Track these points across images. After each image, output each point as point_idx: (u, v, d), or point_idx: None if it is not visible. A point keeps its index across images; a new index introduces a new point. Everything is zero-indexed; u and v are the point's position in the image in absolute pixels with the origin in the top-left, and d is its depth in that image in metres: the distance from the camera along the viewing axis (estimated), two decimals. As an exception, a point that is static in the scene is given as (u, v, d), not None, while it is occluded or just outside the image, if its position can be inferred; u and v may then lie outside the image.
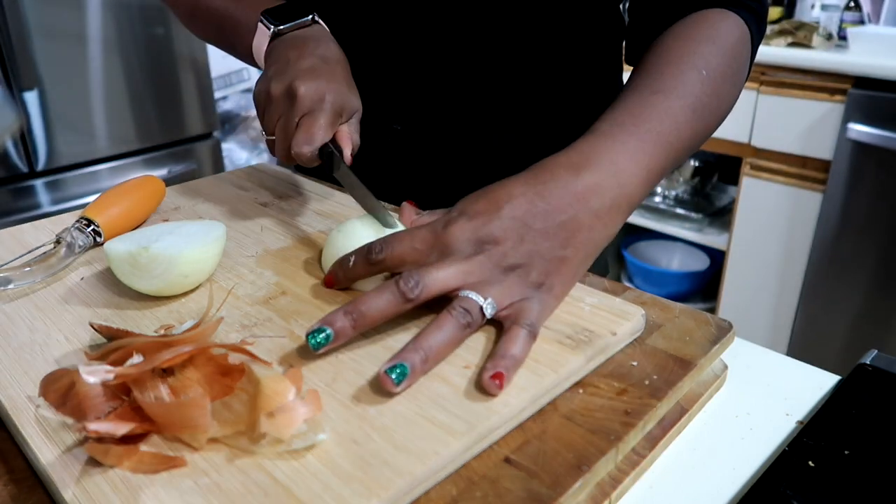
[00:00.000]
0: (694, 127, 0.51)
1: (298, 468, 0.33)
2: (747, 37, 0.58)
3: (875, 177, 1.58)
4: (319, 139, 0.54)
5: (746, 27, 0.58)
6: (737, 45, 0.57)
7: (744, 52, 0.58)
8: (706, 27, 0.56)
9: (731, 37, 0.56)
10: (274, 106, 0.57)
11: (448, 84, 0.68)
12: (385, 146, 0.65)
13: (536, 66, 0.67)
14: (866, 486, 0.36)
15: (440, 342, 0.39)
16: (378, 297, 0.41)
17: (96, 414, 0.34)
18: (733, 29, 0.57)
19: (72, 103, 1.66)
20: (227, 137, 2.38)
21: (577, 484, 0.33)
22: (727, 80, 0.55)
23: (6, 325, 0.46)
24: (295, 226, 0.60)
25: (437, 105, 0.69)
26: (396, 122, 0.70)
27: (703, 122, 0.53)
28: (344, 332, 0.40)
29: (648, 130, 0.48)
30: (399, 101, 0.69)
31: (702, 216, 2.05)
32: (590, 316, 0.45)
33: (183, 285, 0.48)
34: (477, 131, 0.67)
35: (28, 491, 0.34)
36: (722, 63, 0.54)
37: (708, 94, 0.52)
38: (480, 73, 0.68)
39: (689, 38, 0.55)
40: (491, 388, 0.37)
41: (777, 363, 0.48)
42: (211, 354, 0.37)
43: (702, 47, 0.54)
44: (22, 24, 1.52)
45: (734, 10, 0.58)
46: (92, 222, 0.56)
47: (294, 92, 0.55)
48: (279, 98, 0.56)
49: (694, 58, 0.53)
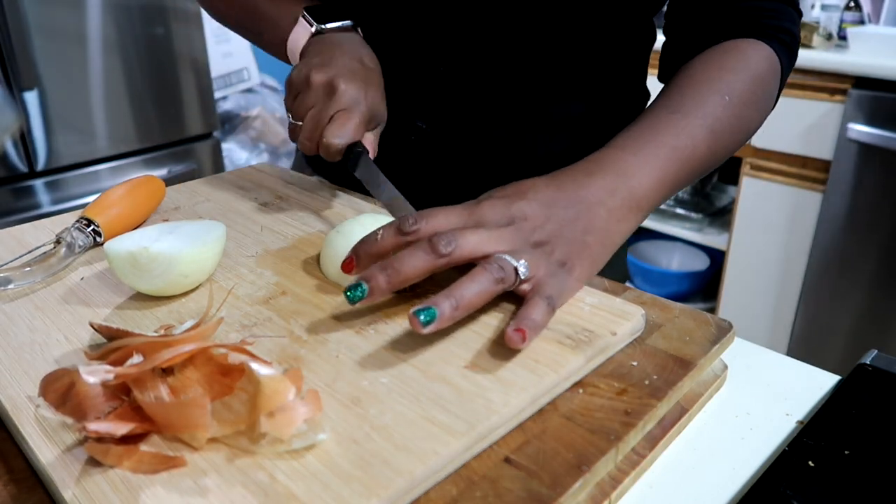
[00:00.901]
0: (711, 146, 0.53)
1: (298, 468, 0.33)
2: (777, 68, 0.60)
3: (875, 177, 1.58)
4: (351, 135, 0.55)
5: (777, 59, 0.60)
6: (765, 75, 0.58)
7: (772, 82, 0.60)
8: (736, 55, 0.58)
9: (759, 67, 0.58)
10: (311, 94, 0.57)
11: (473, 83, 0.68)
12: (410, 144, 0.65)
13: (563, 68, 0.67)
14: (866, 486, 0.36)
15: (472, 293, 0.40)
16: (412, 255, 0.42)
17: (96, 414, 0.34)
18: (763, 59, 0.59)
19: (72, 103, 1.66)
20: (227, 137, 2.38)
21: (577, 484, 0.33)
22: (750, 106, 0.57)
23: (6, 325, 0.46)
24: (295, 226, 0.60)
25: (462, 104, 0.69)
26: (421, 119, 0.70)
27: (721, 142, 0.55)
28: (379, 288, 0.41)
29: (664, 144, 0.51)
30: (424, 100, 0.69)
31: (702, 216, 2.05)
32: (590, 316, 0.45)
33: (183, 285, 0.48)
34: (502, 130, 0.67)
35: (28, 491, 0.34)
36: (747, 90, 0.56)
37: (729, 117, 0.54)
38: (506, 73, 0.67)
39: (717, 65, 0.57)
40: (514, 339, 0.39)
41: (777, 363, 0.48)
42: (211, 354, 0.37)
43: (728, 74, 0.56)
44: (22, 24, 1.52)
45: (766, 42, 0.59)
46: (92, 222, 0.56)
47: (335, 86, 0.56)
48: (318, 88, 0.57)
49: (719, 83, 0.55)
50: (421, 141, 0.68)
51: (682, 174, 0.52)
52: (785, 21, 0.61)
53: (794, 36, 0.62)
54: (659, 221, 2.11)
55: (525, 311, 0.41)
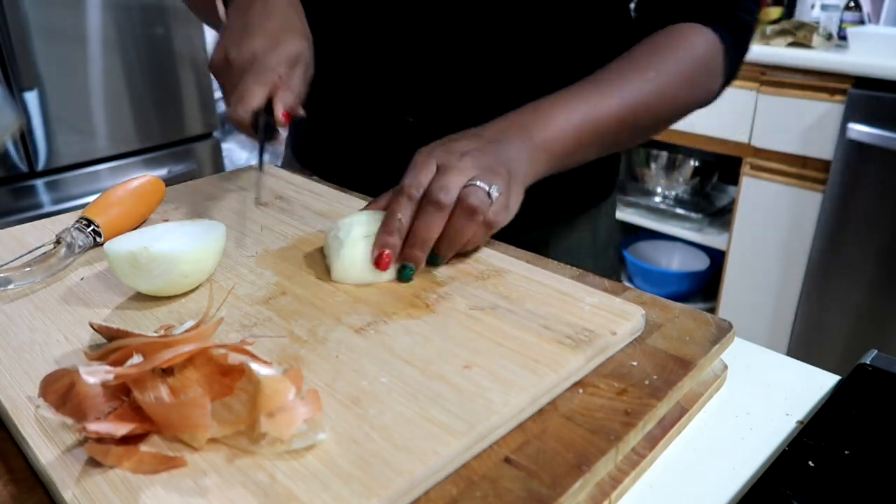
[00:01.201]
0: (624, 117, 0.60)
1: (298, 468, 0.33)
2: (718, 52, 0.64)
3: (875, 177, 1.58)
4: (248, 104, 0.55)
5: (721, 45, 0.64)
6: (703, 57, 0.63)
7: (710, 65, 0.64)
8: (676, 39, 0.63)
9: (696, 50, 0.63)
10: (218, 75, 0.59)
11: (460, 76, 0.68)
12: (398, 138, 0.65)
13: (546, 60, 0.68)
14: (866, 486, 0.36)
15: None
16: (426, 220, 0.49)
17: (96, 414, 0.34)
18: (703, 43, 0.63)
19: (72, 103, 1.66)
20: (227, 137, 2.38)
21: (577, 484, 0.33)
22: (681, 87, 0.62)
23: (6, 325, 0.46)
24: (295, 226, 0.60)
25: (449, 97, 0.69)
26: (409, 114, 0.70)
27: (638, 115, 0.61)
28: (419, 260, 0.50)
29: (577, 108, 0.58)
30: (412, 94, 0.69)
31: (702, 216, 2.05)
32: (590, 316, 0.45)
33: (183, 285, 0.48)
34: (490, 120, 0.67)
35: (28, 491, 0.34)
36: (678, 70, 0.61)
37: (648, 93, 0.60)
38: (491, 66, 0.68)
39: (654, 46, 0.62)
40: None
41: (777, 363, 0.48)
42: (211, 354, 0.37)
43: (658, 55, 0.62)
44: (22, 24, 1.52)
45: (714, 28, 0.63)
46: (92, 222, 0.56)
47: (228, 58, 0.57)
48: (218, 67, 0.58)
49: (647, 63, 0.61)
50: (410, 135, 0.69)
51: (590, 135, 0.58)
52: (739, 10, 0.65)
53: (745, 25, 0.66)
54: (659, 221, 2.11)
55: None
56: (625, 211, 2.18)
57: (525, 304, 0.46)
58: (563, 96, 0.59)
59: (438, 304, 0.47)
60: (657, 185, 2.19)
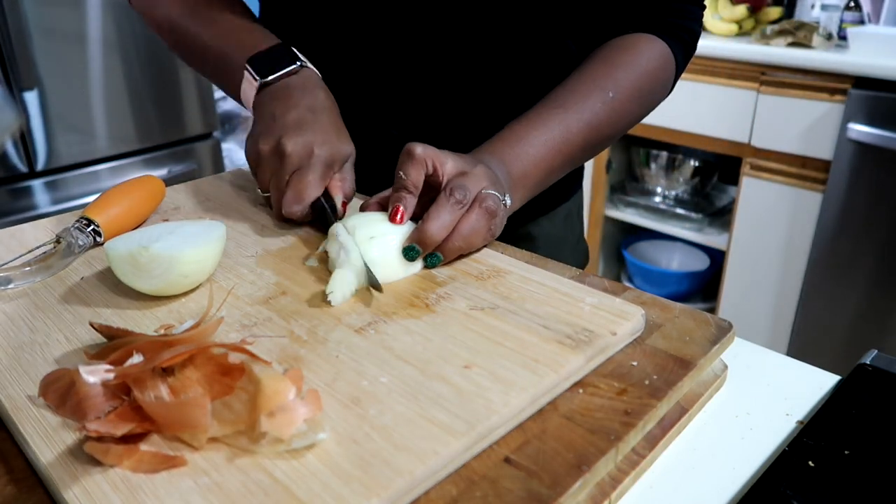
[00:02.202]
0: (586, 137, 0.62)
1: (298, 468, 0.33)
2: (671, 63, 0.66)
3: (875, 177, 1.58)
4: (308, 197, 0.56)
5: (672, 54, 0.65)
6: (656, 70, 0.65)
7: (662, 77, 0.66)
8: (629, 51, 0.64)
9: (651, 62, 0.64)
10: (264, 164, 0.58)
11: (443, 90, 0.69)
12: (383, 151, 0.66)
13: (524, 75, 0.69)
14: (866, 486, 0.36)
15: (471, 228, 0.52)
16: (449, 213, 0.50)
17: (96, 414, 0.34)
18: (656, 55, 0.65)
19: (72, 103, 1.66)
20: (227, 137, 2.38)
21: (577, 484, 0.33)
22: (634, 101, 0.64)
23: (6, 325, 0.46)
24: (295, 226, 0.60)
25: (433, 111, 0.69)
26: (393, 127, 0.70)
27: (598, 134, 0.63)
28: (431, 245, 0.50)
29: (538, 138, 0.60)
30: (396, 107, 0.70)
31: (702, 216, 2.05)
32: (590, 316, 0.45)
33: (183, 285, 0.48)
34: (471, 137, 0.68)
35: (28, 491, 0.34)
36: (633, 86, 0.63)
37: (608, 112, 0.62)
38: (472, 80, 0.69)
39: (608, 61, 0.64)
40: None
41: (777, 363, 0.48)
42: (211, 354, 0.37)
43: (617, 71, 0.63)
44: (22, 24, 1.52)
45: (664, 38, 0.65)
46: (92, 222, 0.56)
47: (282, 150, 0.56)
48: (268, 156, 0.57)
49: (605, 80, 0.63)
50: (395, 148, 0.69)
51: (556, 161, 0.61)
52: (688, 20, 0.67)
53: (695, 33, 0.68)
54: (659, 221, 2.11)
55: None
56: (625, 211, 2.18)
57: (525, 304, 0.46)
58: (532, 124, 0.60)
59: (438, 304, 0.47)
60: (657, 185, 2.19)
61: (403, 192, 0.53)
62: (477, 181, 0.53)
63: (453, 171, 0.53)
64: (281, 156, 0.56)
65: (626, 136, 2.10)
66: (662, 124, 1.92)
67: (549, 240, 0.79)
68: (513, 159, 0.59)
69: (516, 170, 0.58)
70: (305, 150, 0.56)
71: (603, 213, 2.19)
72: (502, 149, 0.59)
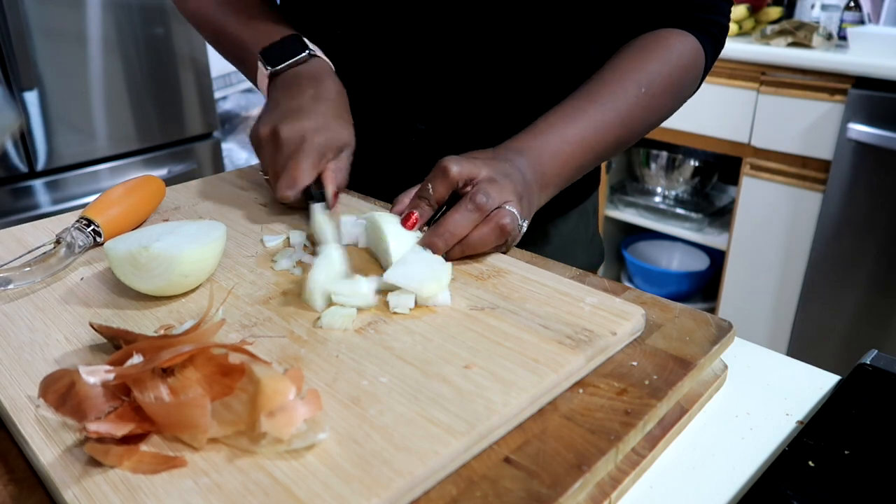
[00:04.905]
0: (619, 133, 0.61)
1: (298, 468, 0.33)
2: (701, 58, 0.66)
3: (875, 177, 1.58)
4: (300, 183, 0.57)
5: (702, 49, 0.65)
6: (687, 65, 0.65)
7: (693, 72, 0.66)
8: (660, 46, 0.64)
9: (683, 57, 0.64)
10: (263, 148, 0.60)
11: (468, 84, 0.69)
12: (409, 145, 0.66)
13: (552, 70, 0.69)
14: (866, 486, 0.36)
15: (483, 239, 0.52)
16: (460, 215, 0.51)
17: (96, 414, 0.34)
18: (687, 51, 0.64)
19: (72, 103, 1.66)
20: (227, 137, 2.38)
21: (577, 484, 0.33)
22: (666, 96, 0.64)
23: (6, 325, 0.46)
24: (295, 226, 0.60)
25: (459, 104, 0.69)
26: (420, 121, 0.70)
27: (630, 129, 0.62)
28: (439, 249, 0.50)
29: (572, 133, 0.59)
30: (422, 101, 0.70)
31: (702, 216, 2.05)
32: (590, 316, 0.45)
33: (183, 285, 0.48)
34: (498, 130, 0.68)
35: (28, 491, 0.34)
36: (665, 81, 0.63)
37: (641, 108, 0.62)
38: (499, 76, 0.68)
39: (640, 55, 0.63)
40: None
41: (777, 363, 0.48)
42: (211, 354, 0.37)
43: (649, 65, 0.63)
44: (22, 24, 1.52)
45: (693, 32, 0.65)
46: (92, 222, 0.56)
47: (277, 135, 0.58)
48: (265, 141, 0.59)
49: (638, 74, 0.62)
50: (421, 142, 0.69)
51: (587, 158, 0.60)
52: (716, 14, 0.66)
53: (724, 27, 0.67)
54: (659, 221, 2.10)
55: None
56: (625, 211, 2.18)
57: (525, 304, 0.46)
58: (564, 118, 0.60)
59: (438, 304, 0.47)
60: (657, 185, 2.19)
61: (424, 202, 0.54)
62: (503, 193, 0.52)
63: (485, 177, 0.53)
64: (276, 141, 0.58)
65: (626, 136, 2.10)
66: (662, 124, 1.92)
67: (564, 238, 0.79)
68: (544, 156, 0.58)
69: (547, 168, 0.58)
70: (298, 135, 0.58)
71: (603, 213, 2.19)
72: (533, 145, 0.59)
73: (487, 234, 0.52)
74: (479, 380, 0.38)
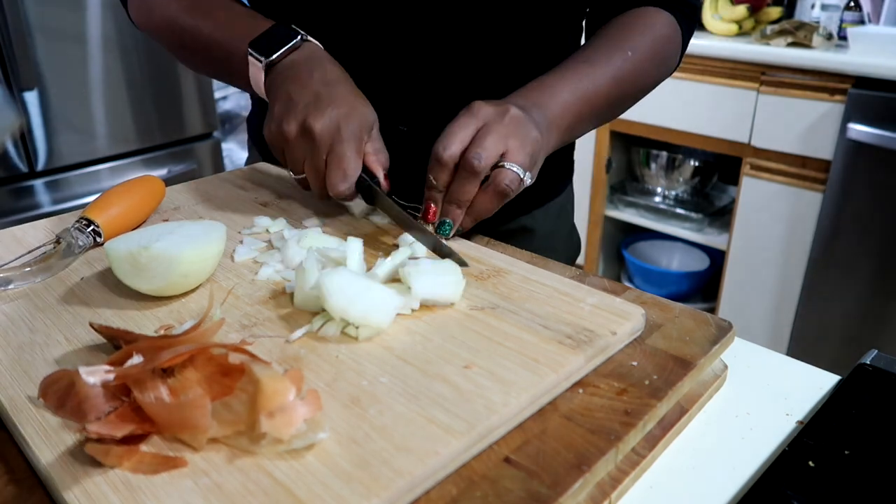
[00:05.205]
0: (611, 91, 0.65)
1: (298, 468, 0.33)
2: (678, 32, 0.71)
3: (874, 177, 1.58)
4: (352, 173, 0.56)
5: (677, 25, 0.71)
6: (667, 35, 0.70)
7: (672, 44, 0.71)
8: (642, 20, 0.69)
9: (662, 30, 0.69)
10: (293, 147, 0.57)
11: (452, 84, 0.69)
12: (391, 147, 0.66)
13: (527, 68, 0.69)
14: (866, 486, 0.36)
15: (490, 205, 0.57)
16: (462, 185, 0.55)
17: (96, 414, 0.34)
18: (665, 25, 0.70)
19: (72, 103, 1.66)
20: (227, 137, 2.38)
21: (577, 484, 0.33)
22: (651, 62, 0.68)
23: (6, 325, 0.46)
24: (294, 226, 0.60)
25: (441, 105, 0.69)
26: (402, 123, 0.70)
27: (621, 89, 0.66)
28: (456, 216, 0.56)
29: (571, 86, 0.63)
30: (404, 103, 0.70)
31: (702, 216, 2.05)
32: (590, 316, 0.45)
33: (183, 285, 0.48)
34: None
35: (28, 491, 0.34)
36: (649, 48, 0.67)
37: (629, 70, 0.66)
38: (482, 73, 0.69)
39: (626, 26, 0.68)
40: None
41: (777, 363, 0.48)
42: (211, 354, 0.37)
43: (634, 34, 0.67)
44: (22, 24, 1.52)
45: (669, 11, 0.70)
46: (92, 222, 0.56)
47: (310, 130, 0.55)
48: (296, 139, 0.57)
49: (624, 42, 0.67)
50: (403, 143, 0.69)
51: (585, 111, 0.64)
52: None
53: (695, 7, 0.73)
54: (659, 221, 2.10)
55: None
56: (625, 211, 2.18)
57: (525, 304, 0.46)
58: (562, 74, 0.63)
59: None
60: (657, 185, 2.19)
61: (434, 192, 0.57)
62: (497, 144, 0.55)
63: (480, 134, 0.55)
64: (310, 136, 0.56)
65: (626, 136, 2.10)
66: (662, 124, 1.92)
67: (545, 232, 0.80)
68: (546, 103, 0.61)
69: (550, 112, 0.61)
70: (333, 126, 0.56)
71: (603, 213, 2.19)
72: (534, 95, 0.61)
73: (489, 200, 0.56)
74: (479, 380, 0.38)
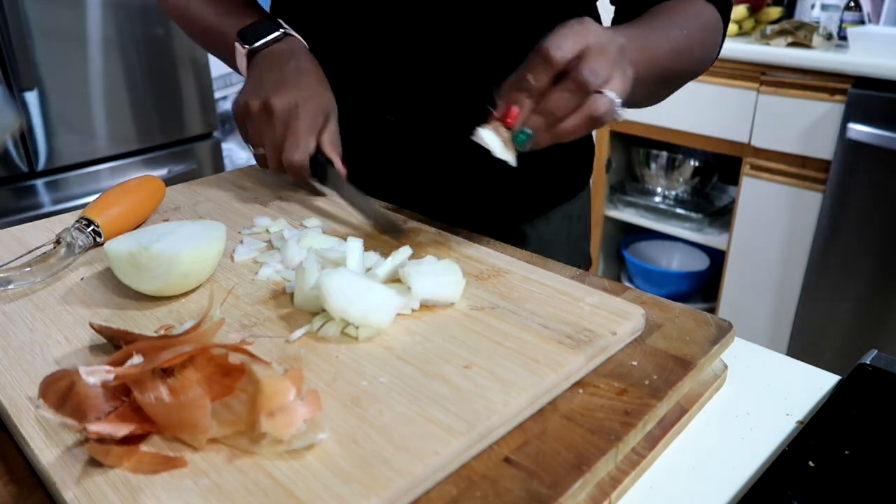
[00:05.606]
0: (670, 59, 0.64)
1: (298, 468, 0.33)
2: (720, 23, 0.71)
3: (874, 177, 1.58)
4: (306, 144, 0.61)
5: (719, 16, 0.71)
6: (710, 24, 0.70)
7: (715, 32, 0.71)
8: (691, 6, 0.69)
9: (708, 18, 0.70)
10: (254, 121, 0.63)
11: (440, 74, 0.69)
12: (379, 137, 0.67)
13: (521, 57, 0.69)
14: (866, 486, 0.36)
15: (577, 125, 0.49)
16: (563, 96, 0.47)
17: (96, 414, 0.34)
18: (710, 14, 0.70)
19: (72, 103, 1.66)
20: (227, 137, 2.38)
21: (577, 484, 0.33)
22: (700, 43, 0.69)
23: (6, 325, 0.46)
24: (294, 226, 0.60)
25: (429, 95, 0.70)
26: (390, 112, 0.71)
27: (677, 61, 0.66)
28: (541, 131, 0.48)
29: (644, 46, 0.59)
30: (392, 92, 0.71)
31: (702, 216, 2.05)
32: (590, 316, 0.45)
33: (183, 285, 0.48)
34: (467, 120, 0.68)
35: (28, 491, 0.34)
36: (698, 31, 0.68)
37: (684, 44, 0.66)
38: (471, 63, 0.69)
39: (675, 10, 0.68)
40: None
41: (777, 363, 0.48)
42: (211, 354, 0.37)
43: (687, 18, 0.68)
44: (22, 24, 1.52)
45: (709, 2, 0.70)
46: (92, 222, 0.56)
47: (270, 107, 0.61)
48: (258, 114, 0.62)
49: (677, 20, 0.66)
50: (391, 133, 0.70)
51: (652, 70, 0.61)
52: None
53: (730, 4, 0.73)
54: (659, 221, 2.10)
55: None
56: (625, 211, 2.18)
57: (525, 304, 0.46)
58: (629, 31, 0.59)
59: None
60: (657, 185, 2.19)
61: (524, 94, 0.48)
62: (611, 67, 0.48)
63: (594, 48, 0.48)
64: (270, 112, 0.61)
65: (626, 135, 2.10)
66: (662, 124, 1.92)
67: (541, 239, 0.78)
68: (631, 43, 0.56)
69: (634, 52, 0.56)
70: (292, 104, 0.61)
71: (603, 213, 2.19)
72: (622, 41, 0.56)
73: (579, 125, 0.48)
74: (479, 380, 0.38)
